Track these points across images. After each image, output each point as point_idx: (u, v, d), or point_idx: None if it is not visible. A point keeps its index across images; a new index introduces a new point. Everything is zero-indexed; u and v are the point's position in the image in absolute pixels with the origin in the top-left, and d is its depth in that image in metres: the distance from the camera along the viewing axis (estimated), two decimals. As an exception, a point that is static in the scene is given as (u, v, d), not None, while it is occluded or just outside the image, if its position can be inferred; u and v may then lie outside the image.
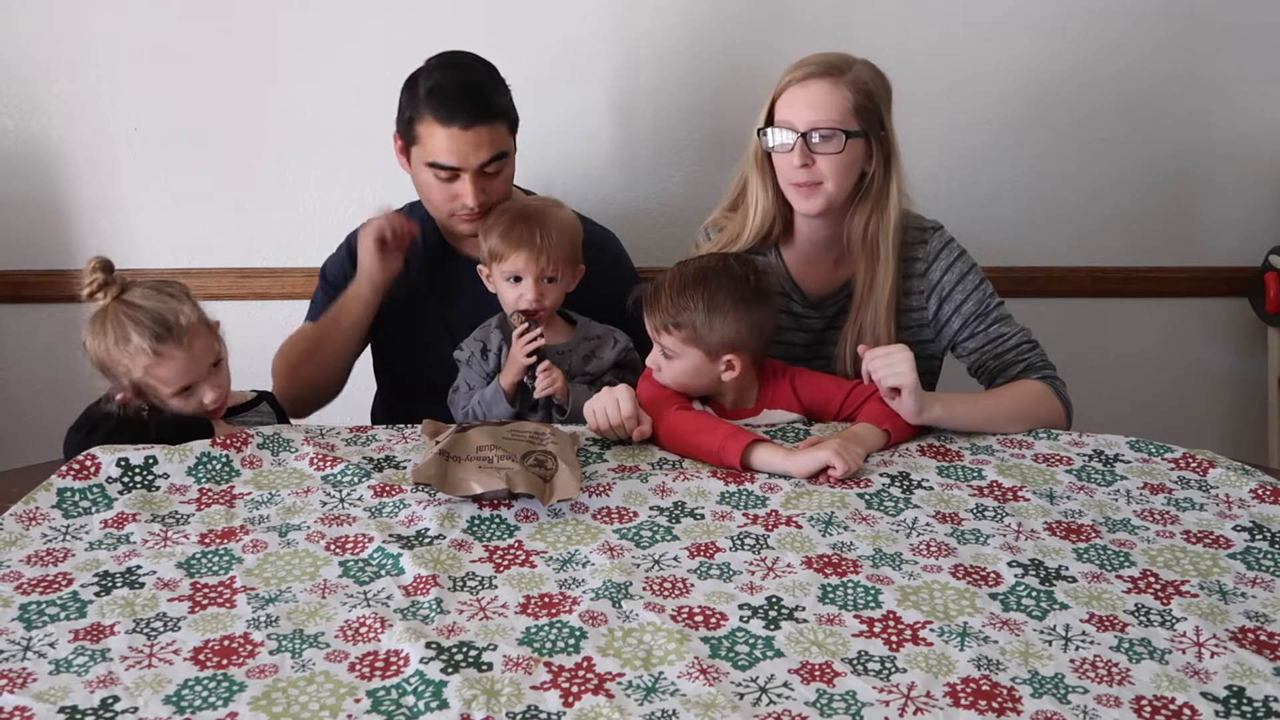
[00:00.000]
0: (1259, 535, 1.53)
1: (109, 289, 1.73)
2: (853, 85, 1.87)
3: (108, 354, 1.73)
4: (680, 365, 1.84)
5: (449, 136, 1.97)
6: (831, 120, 1.85)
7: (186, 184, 2.51)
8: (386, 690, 1.20)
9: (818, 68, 1.88)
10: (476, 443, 1.62)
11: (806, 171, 1.87)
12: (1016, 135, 2.55)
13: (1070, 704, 1.18)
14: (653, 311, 1.84)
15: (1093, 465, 1.74)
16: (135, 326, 1.71)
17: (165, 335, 1.71)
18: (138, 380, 1.74)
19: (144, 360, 1.71)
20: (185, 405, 1.78)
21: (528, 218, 1.95)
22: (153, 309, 1.73)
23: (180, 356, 1.73)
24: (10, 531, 1.52)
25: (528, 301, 1.94)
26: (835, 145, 1.86)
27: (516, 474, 1.55)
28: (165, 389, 1.74)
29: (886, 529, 1.55)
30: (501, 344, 1.98)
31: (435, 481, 1.56)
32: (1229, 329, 2.74)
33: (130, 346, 1.71)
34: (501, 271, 1.96)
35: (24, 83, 2.45)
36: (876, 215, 1.93)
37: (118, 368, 1.73)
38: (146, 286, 1.76)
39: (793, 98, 1.88)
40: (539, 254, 1.92)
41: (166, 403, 1.77)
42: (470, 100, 1.98)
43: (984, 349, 1.97)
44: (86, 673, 1.22)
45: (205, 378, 1.77)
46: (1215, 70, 2.53)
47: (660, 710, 1.16)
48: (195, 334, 1.75)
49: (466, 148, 1.97)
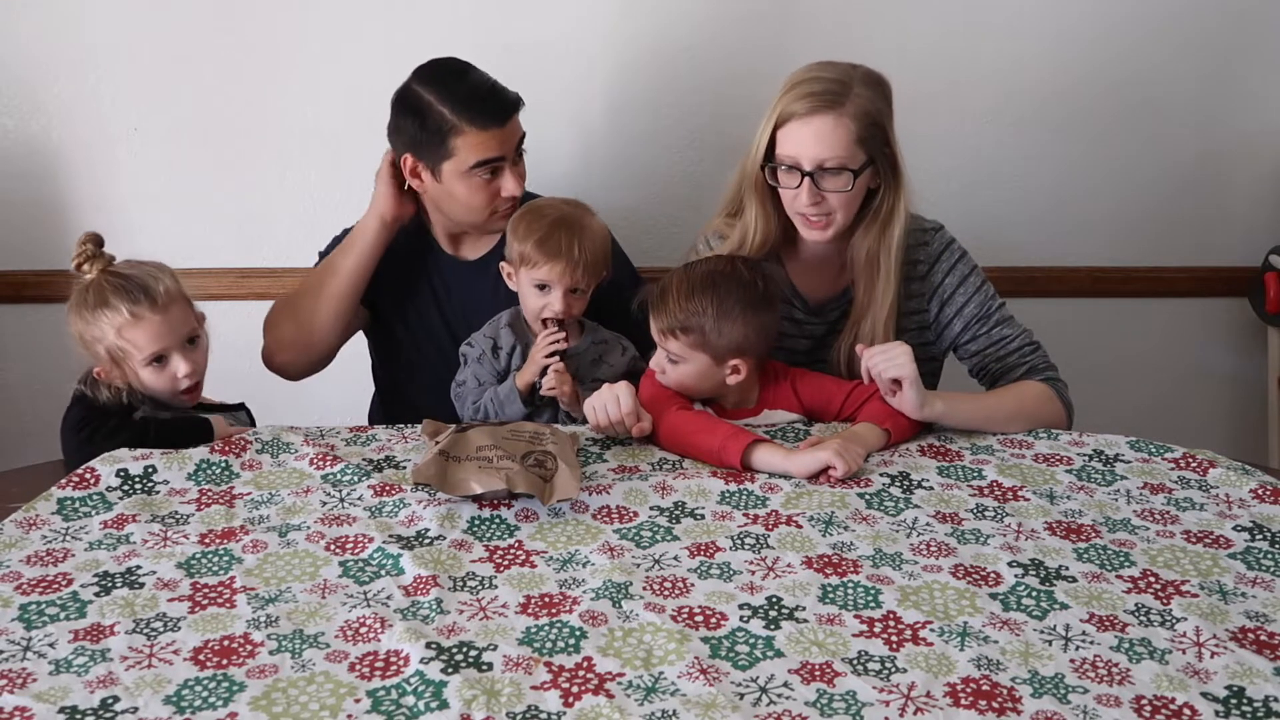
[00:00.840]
0: (1259, 535, 1.53)
1: (96, 261, 1.78)
2: (855, 117, 1.82)
3: (83, 324, 1.76)
4: (685, 369, 1.84)
5: (490, 136, 1.97)
6: (839, 157, 1.82)
7: (186, 184, 2.51)
8: (386, 690, 1.20)
9: (819, 102, 1.82)
10: (476, 443, 1.62)
11: (817, 207, 1.86)
12: (1017, 136, 2.55)
13: (1070, 704, 1.18)
14: (660, 315, 1.84)
15: (1093, 465, 1.74)
16: (113, 291, 1.76)
17: (140, 298, 1.75)
18: (112, 346, 1.76)
19: (119, 320, 1.74)
20: (158, 379, 1.79)
21: (568, 227, 1.92)
22: (133, 275, 1.78)
23: (154, 320, 1.76)
24: (10, 535, 1.52)
25: (553, 312, 1.93)
26: (843, 183, 1.84)
27: (516, 474, 1.55)
28: (137, 354, 1.76)
29: (887, 529, 1.54)
30: (514, 344, 1.97)
31: (435, 482, 1.56)
32: (1229, 329, 2.74)
33: (107, 310, 1.75)
34: (531, 277, 1.93)
35: (24, 83, 2.45)
36: (881, 233, 1.91)
37: (94, 332, 1.76)
38: (131, 261, 1.82)
39: (796, 134, 1.84)
40: (574, 268, 1.91)
41: (139, 376, 1.78)
42: (496, 99, 1.99)
43: (986, 351, 1.96)
44: (86, 673, 1.22)
45: (179, 348, 1.79)
46: (1215, 70, 2.53)
47: (660, 710, 1.16)
48: (171, 301, 1.79)
49: (505, 138, 1.99)
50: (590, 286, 1.97)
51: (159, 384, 1.80)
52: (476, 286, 2.11)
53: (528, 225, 1.94)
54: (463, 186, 2.01)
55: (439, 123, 1.98)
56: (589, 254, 1.92)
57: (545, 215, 1.94)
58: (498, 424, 1.72)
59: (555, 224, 1.92)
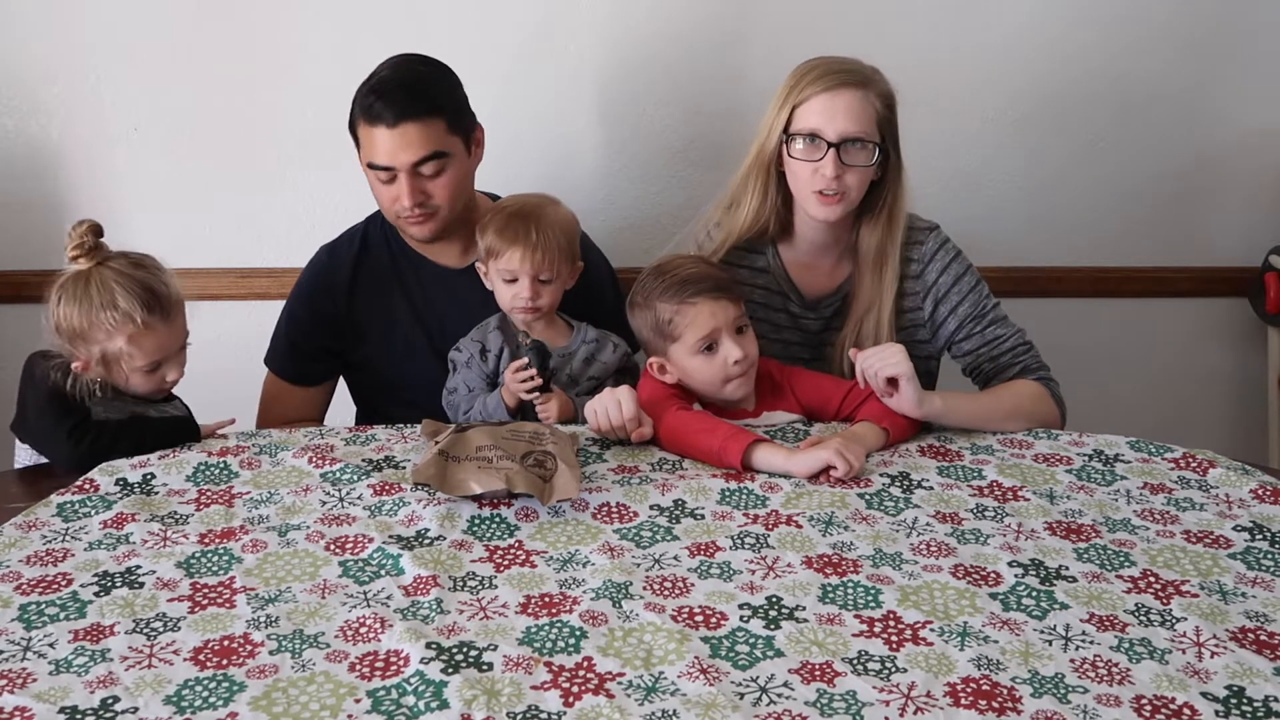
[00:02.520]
0: (1259, 535, 1.53)
1: (95, 253, 1.71)
2: (880, 96, 1.88)
3: (86, 319, 1.69)
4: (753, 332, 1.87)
5: (379, 136, 1.93)
6: (865, 131, 1.86)
7: (186, 184, 2.51)
8: (387, 690, 1.20)
9: (847, 76, 1.87)
10: (476, 443, 1.62)
11: (836, 182, 1.87)
12: (1018, 136, 2.55)
13: (1070, 704, 1.18)
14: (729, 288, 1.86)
15: (1093, 465, 1.74)
16: (125, 293, 1.68)
17: (154, 305, 1.70)
18: (112, 350, 1.70)
19: (129, 329, 1.69)
20: (146, 381, 1.76)
21: (525, 215, 1.94)
22: (141, 278, 1.71)
23: (163, 330, 1.72)
24: (9, 535, 1.52)
25: (523, 300, 1.94)
26: (867, 156, 1.86)
27: (516, 474, 1.55)
28: (139, 361, 1.72)
29: (887, 529, 1.54)
30: (503, 346, 1.97)
31: (434, 482, 1.56)
32: (1229, 329, 2.74)
33: (118, 313, 1.68)
34: (498, 270, 1.95)
35: (24, 83, 2.45)
36: (888, 226, 1.93)
37: (94, 333, 1.69)
38: (124, 257, 1.74)
39: (823, 106, 1.86)
40: (534, 251, 1.91)
41: (129, 376, 1.74)
42: (399, 97, 1.93)
43: (980, 350, 1.97)
44: (86, 673, 1.22)
45: (175, 355, 1.77)
46: (1215, 71, 2.53)
47: (660, 710, 1.16)
48: (178, 309, 1.75)
49: (395, 146, 1.93)
50: (558, 275, 1.96)
51: (146, 386, 1.77)
52: (454, 290, 2.09)
53: (490, 219, 1.97)
54: (370, 181, 2.01)
55: (353, 109, 1.99)
56: (549, 238, 1.92)
57: (506, 207, 1.98)
58: (498, 424, 1.72)
59: (514, 214, 1.95)
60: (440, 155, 1.96)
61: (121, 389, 1.77)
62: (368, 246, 2.13)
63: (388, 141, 1.93)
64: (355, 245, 2.13)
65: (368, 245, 2.13)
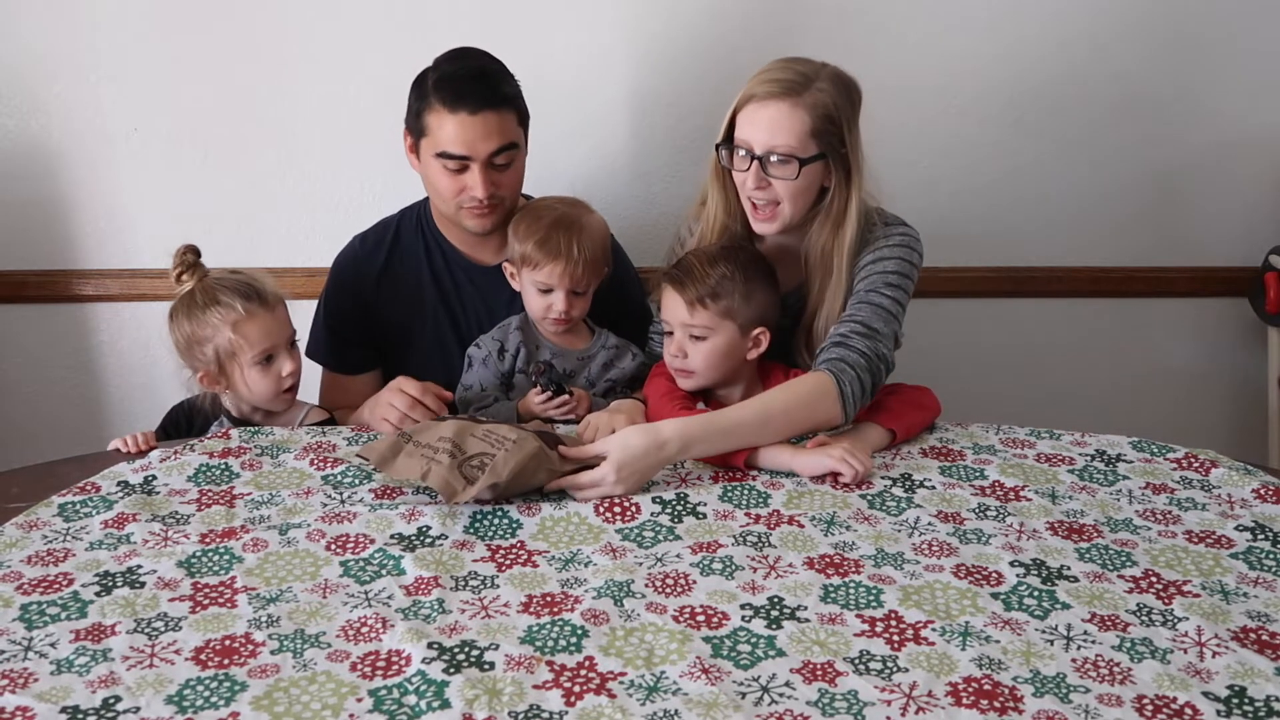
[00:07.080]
0: (1261, 535, 1.53)
1: (195, 271, 1.86)
2: (812, 108, 1.81)
3: (193, 325, 1.83)
4: (711, 345, 1.84)
5: (458, 123, 1.93)
6: (789, 146, 1.81)
7: (186, 184, 2.51)
8: (388, 690, 1.20)
9: (778, 87, 1.82)
10: (440, 434, 1.62)
11: (763, 192, 1.85)
12: (1017, 136, 2.55)
13: (1072, 703, 1.18)
14: (686, 287, 1.84)
15: (1095, 465, 1.74)
16: (224, 290, 1.84)
17: (252, 295, 1.85)
18: (222, 344, 1.82)
19: (233, 316, 1.82)
20: (264, 379, 1.86)
21: (567, 227, 1.93)
22: (237, 278, 1.88)
23: (266, 317, 1.85)
24: (11, 535, 1.52)
25: (557, 313, 1.94)
26: (790, 171, 1.82)
27: (436, 470, 1.56)
28: (249, 351, 1.83)
29: (888, 529, 1.54)
30: (520, 346, 1.98)
31: (372, 456, 1.60)
32: (1229, 329, 2.73)
33: (219, 307, 1.83)
34: (532, 279, 1.94)
35: (24, 83, 2.44)
36: (834, 232, 1.89)
37: (203, 331, 1.83)
38: (223, 269, 1.91)
39: (751, 116, 1.84)
40: (574, 267, 1.92)
41: (245, 374, 1.84)
42: (478, 86, 1.95)
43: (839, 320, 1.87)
44: (88, 673, 1.22)
45: (285, 347, 1.87)
46: (1216, 71, 2.53)
47: (662, 710, 1.16)
48: (278, 300, 1.90)
49: (474, 135, 1.93)
50: (591, 286, 1.98)
51: (264, 384, 1.86)
52: (488, 288, 2.09)
53: (528, 226, 1.95)
54: (433, 171, 2.00)
55: (422, 97, 1.98)
56: (589, 252, 1.93)
57: (544, 216, 1.95)
58: (484, 421, 1.70)
59: (554, 224, 1.93)
60: (513, 146, 1.99)
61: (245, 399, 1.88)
62: (400, 237, 2.14)
63: (467, 130, 1.93)
64: (389, 235, 2.15)
65: (400, 236, 2.14)
